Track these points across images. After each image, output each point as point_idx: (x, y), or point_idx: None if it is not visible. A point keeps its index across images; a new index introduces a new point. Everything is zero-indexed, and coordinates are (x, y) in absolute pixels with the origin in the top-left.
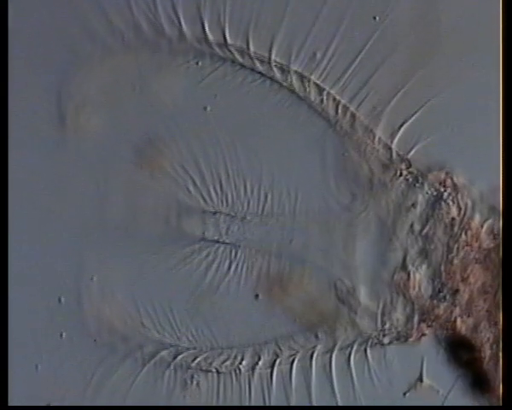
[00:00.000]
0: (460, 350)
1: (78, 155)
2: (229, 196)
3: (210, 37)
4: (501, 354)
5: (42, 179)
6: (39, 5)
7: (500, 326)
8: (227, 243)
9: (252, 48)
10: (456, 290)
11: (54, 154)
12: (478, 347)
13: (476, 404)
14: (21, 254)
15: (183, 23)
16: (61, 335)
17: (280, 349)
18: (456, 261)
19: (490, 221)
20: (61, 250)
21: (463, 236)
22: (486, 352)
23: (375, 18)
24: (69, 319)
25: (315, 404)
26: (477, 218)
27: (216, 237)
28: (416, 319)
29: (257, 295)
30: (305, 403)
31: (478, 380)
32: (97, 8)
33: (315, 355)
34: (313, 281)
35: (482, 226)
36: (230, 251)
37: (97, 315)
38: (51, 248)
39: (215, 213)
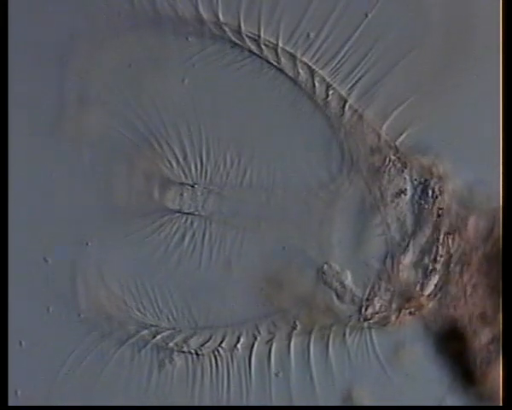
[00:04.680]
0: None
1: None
2: (209, 170)
3: (203, 14)
4: (501, 354)
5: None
6: None
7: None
8: (202, 216)
9: (243, 27)
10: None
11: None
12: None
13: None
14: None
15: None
16: (48, 309)
17: (258, 331)
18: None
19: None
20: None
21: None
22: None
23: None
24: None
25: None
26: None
27: (192, 210)
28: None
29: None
30: (285, 389)
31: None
32: None
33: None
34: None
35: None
36: (205, 224)
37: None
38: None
39: (193, 185)
